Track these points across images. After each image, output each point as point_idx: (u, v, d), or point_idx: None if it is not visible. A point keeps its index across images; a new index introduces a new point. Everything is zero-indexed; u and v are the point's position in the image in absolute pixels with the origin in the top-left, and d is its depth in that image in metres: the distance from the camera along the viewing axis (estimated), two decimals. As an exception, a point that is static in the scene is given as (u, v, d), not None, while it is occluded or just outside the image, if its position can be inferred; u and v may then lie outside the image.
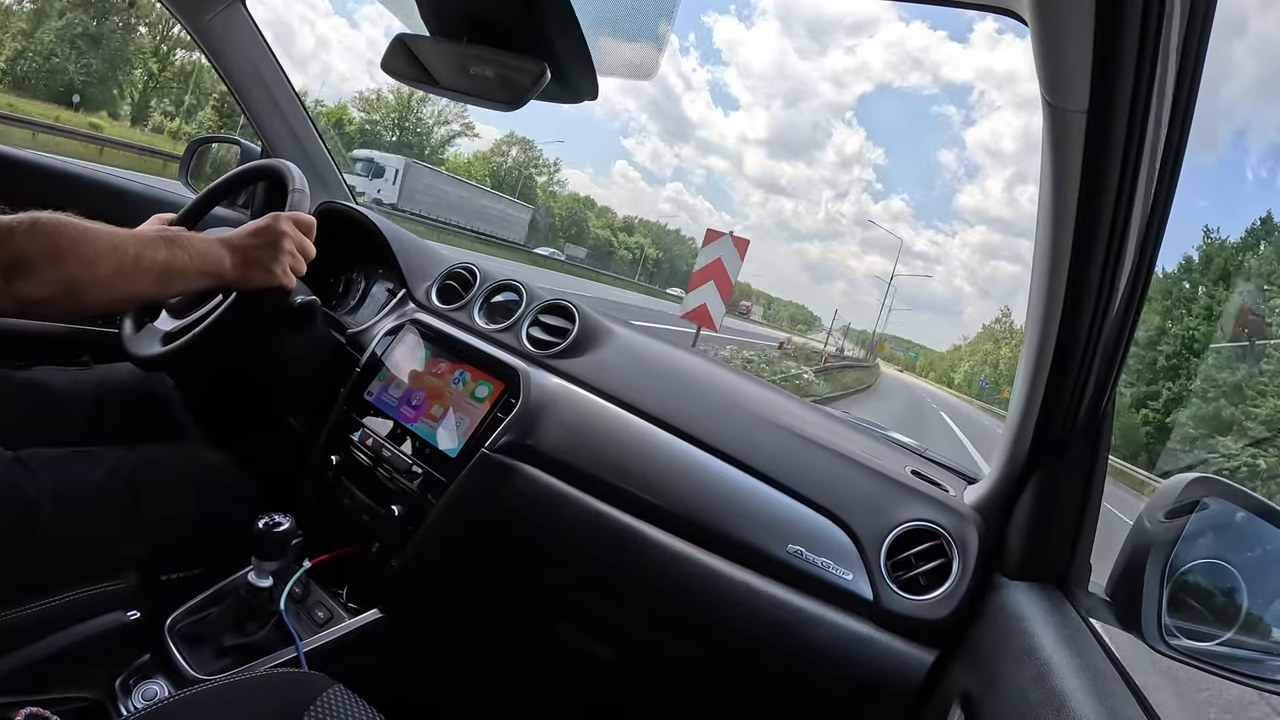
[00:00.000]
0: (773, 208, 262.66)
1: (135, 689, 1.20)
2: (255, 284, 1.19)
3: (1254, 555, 0.88)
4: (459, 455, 1.35)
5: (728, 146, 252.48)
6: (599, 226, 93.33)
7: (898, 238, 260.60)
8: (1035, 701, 0.75)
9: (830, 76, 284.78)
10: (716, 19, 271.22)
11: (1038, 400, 0.93)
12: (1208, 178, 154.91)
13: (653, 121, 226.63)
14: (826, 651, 1.10)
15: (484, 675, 1.50)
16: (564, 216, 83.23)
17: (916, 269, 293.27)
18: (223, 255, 1.13)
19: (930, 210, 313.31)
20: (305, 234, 1.25)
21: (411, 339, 1.54)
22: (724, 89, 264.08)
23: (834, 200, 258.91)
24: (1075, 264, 0.77)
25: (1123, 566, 0.89)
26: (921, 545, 1.13)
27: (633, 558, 1.23)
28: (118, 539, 1.24)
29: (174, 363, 1.30)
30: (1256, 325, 32.10)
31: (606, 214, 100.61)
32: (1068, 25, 0.59)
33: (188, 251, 1.08)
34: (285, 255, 1.20)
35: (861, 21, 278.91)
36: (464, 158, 65.46)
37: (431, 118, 56.69)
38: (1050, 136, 0.70)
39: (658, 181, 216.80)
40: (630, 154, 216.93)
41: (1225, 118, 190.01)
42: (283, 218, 1.21)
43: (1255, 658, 0.85)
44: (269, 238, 1.19)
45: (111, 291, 1.00)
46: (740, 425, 1.33)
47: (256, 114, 1.88)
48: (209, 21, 1.73)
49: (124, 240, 1.01)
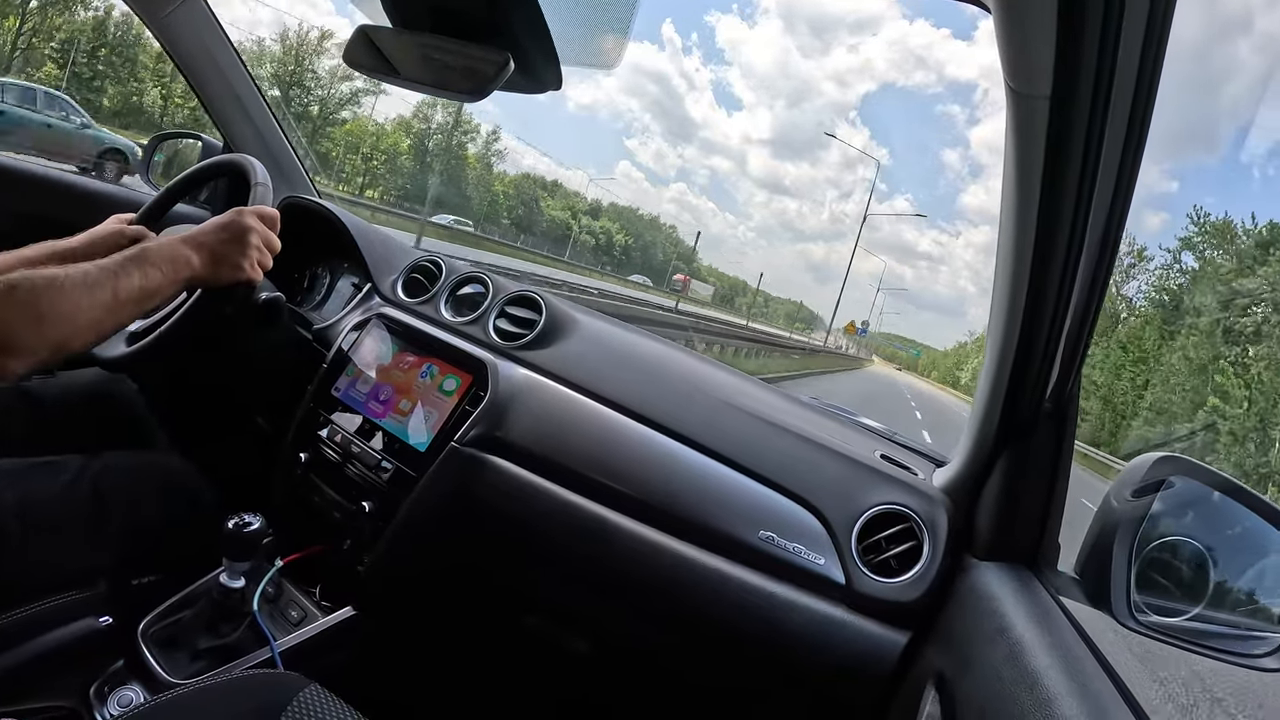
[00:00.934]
0: (776, 208, 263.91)
1: (110, 696, 1.19)
2: (224, 280, 1.17)
3: (1219, 531, 0.89)
4: (428, 449, 1.35)
5: (731, 147, 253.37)
6: (557, 209, 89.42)
7: (872, 157, 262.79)
8: (1008, 680, 0.76)
9: (833, 75, 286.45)
10: (719, 18, 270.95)
11: (1004, 384, 0.94)
12: (1211, 177, 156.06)
13: (656, 122, 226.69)
14: (801, 636, 1.11)
15: (460, 669, 1.49)
16: (511, 195, 77.01)
17: (920, 268, 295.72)
18: (190, 256, 1.11)
19: (934, 210, 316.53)
20: (270, 227, 1.23)
21: (378, 333, 1.53)
22: (727, 89, 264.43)
23: (838, 200, 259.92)
24: (1039, 250, 0.78)
25: (1091, 545, 0.91)
26: (892, 528, 1.15)
27: (604, 547, 1.23)
28: (85, 548, 1.22)
29: (138, 363, 1.28)
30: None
31: (572, 197, 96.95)
32: (1031, 11, 0.59)
33: (159, 268, 1.06)
34: (252, 250, 1.18)
35: (864, 19, 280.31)
36: (380, 121, 56.99)
37: (332, 73, 48.13)
38: (1014, 122, 0.70)
39: (661, 182, 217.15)
40: (634, 154, 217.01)
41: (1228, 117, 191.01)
42: (247, 212, 1.20)
43: (1222, 632, 0.86)
44: (234, 232, 1.17)
45: (96, 334, 0.98)
46: (709, 412, 1.34)
47: (217, 109, 1.85)
48: (167, 16, 1.70)
49: (97, 279, 0.98)
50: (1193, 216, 36.89)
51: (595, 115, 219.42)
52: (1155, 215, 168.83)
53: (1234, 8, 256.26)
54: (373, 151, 53.20)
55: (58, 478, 1.22)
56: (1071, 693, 0.70)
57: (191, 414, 1.63)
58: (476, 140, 66.71)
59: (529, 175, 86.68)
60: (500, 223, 70.79)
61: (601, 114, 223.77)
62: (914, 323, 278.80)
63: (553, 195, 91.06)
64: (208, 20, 1.74)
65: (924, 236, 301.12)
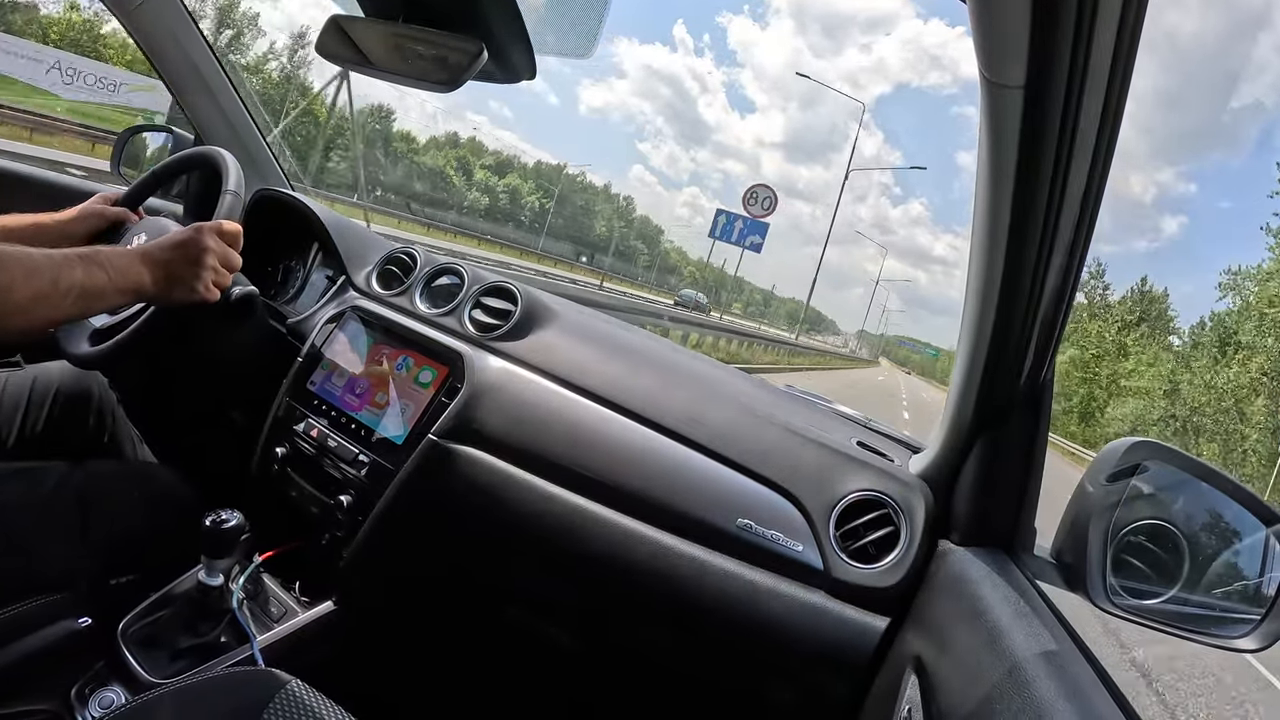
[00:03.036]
0: (790, 212, 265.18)
1: (92, 697, 1.18)
2: (176, 300, 1.17)
3: (1193, 515, 0.90)
4: (405, 442, 1.35)
5: (744, 150, 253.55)
6: (437, 160, 74.70)
7: (858, 101, 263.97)
8: (986, 663, 0.77)
9: (846, 76, 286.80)
10: (730, 19, 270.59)
11: (979, 370, 0.95)
12: (1231, 179, 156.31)
13: (669, 125, 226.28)
14: (780, 623, 1.12)
15: (441, 663, 1.49)
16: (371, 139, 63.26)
17: (934, 272, 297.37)
18: (142, 272, 1.10)
19: (948, 214, 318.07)
20: (231, 243, 1.22)
21: (353, 326, 1.52)
22: (740, 90, 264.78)
23: (851, 204, 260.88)
24: (1013, 239, 0.78)
25: (1067, 529, 0.91)
26: (869, 515, 1.15)
27: (583, 537, 1.23)
28: (68, 555, 1.21)
29: (110, 361, 1.27)
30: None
31: (472, 147, 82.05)
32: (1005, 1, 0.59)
33: (106, 271, 1.05)
34: (207, 271, 1.17)
35: (877, 18, 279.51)
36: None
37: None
38: (988, 112, 0.70)
39: (675, 186, 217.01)
40: (646, 158, 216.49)
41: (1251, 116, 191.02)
42: (206, 230, 1.19)
43: (1198, 614, 0.88)
44: (190, 253, 1.16)
45: (28, 318, 0.97)
46: (687, 402, 1.34)
47: (189, 101, 1.83)
48: (138, 9, 1.67)
49: (40, 264, 0.97)
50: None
51: (607, 118, 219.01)
52: (1174, 219, 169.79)
53: (1255, 4, 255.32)
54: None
55: (40, 485, 1.21)
56: (1050, 675, 0.71)
57: (166, 411, 1.61)
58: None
59: (377, 107, 66.63)
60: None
61: (613, 116, 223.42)
62: (929, 327, 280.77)
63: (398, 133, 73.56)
64: (178, 12, 1.72)
65: (938, 240, 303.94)
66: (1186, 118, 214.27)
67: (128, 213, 1.42)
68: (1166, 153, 44.51)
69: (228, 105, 1.86)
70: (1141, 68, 0.62)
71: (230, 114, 1.87)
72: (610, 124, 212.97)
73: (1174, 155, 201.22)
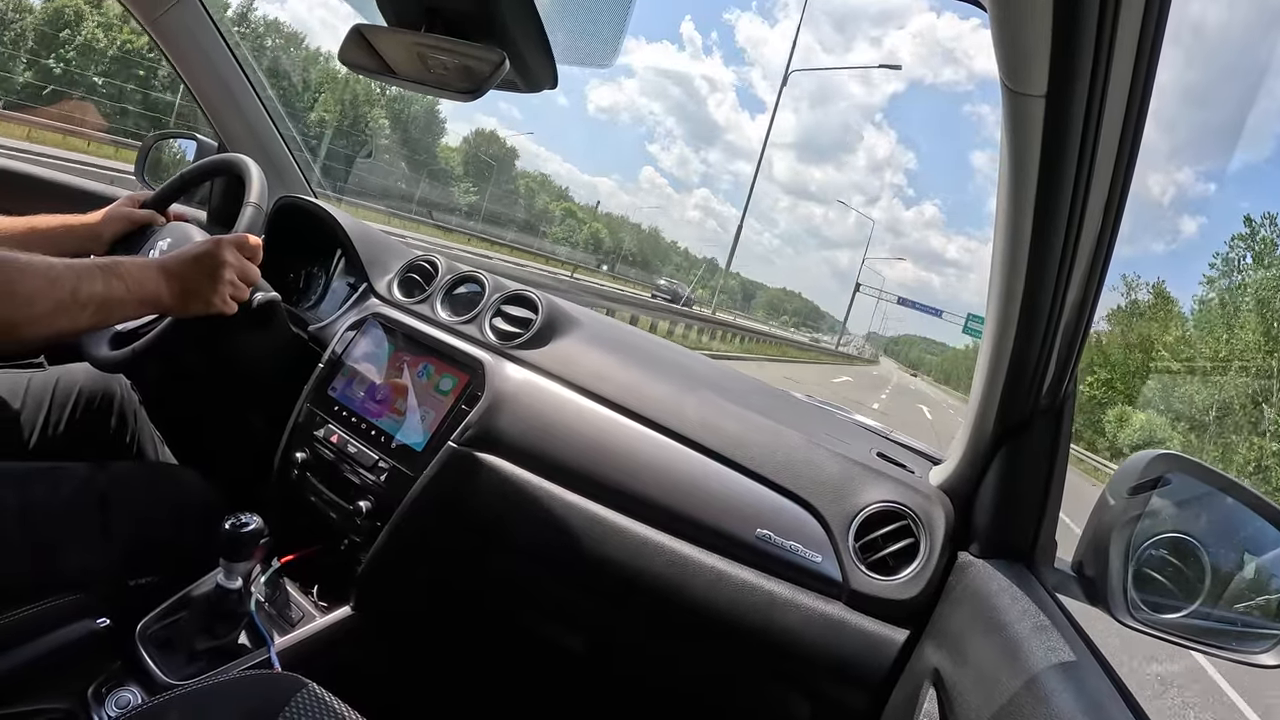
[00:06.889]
0: (802, 213, 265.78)
1: (108, 697, 1.19)
2: (192, 313, 1.18)
3: (1216, 528, 0.89)
4: (425, 449, 1.35)
5: (755, 151, 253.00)
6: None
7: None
8: (1005, 677, 0.76)
9: (859, 73, 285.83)
10: (738, 15, 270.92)
11: (1000, 382, 0.94)
12: (1252, 177, 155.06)
13: (679, 126, 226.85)
14: (798, 635, 1.11)
15: (457, 669, 1.50)
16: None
17: (948, 275, 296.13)
18: (160, 284, 1.12)
19: (962, 216, 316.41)
20: (250, 257, 1.24)
21: (374, 333, 1.53)
22: (749, 90, 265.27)
23: (864, 205, 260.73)
24: (1035, 248, 0.78)
25: (1088, 542, 0.91)
26: (889, 526, 1.15)
27: (601, 546, 1.23)
28: (88, 555, 1.22)
29: (131, 364, 1.28)
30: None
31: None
32: (1027, 10, 0.59)
33: (125, 282, 1.06)
34: (224, 285, 1.19)
35: (888, 10, 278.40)
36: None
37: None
38: (1009, 122, 0.70)
39: (685, 188, 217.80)
40: (656, 159, 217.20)
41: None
42: (225, 243, 1.20)
43: (1220, 628, 0.87)
44: (208, 267, 1.18)
45: (48, 329, 0.98)
46: (707, 411, 1.33)
47: (213, 108, 1.85)
48: (162, 16, 1.69)
49: (61, 274, 0.98)
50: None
51: (616, 119, 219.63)
52: (1192, 220, 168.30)
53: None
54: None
55: (63, 485, 1.22)
56: (1069, 689, 0.70)
57: (188, 414, 1.62)
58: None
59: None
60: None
61: (623, 117, 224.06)
62: (940, 328, 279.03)
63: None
64: (203, 20, 1.74)
65: (951, 243, 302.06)
66: (1213, 114, 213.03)
67: (155, 215, 1.44)
68: (1185, 151, 43.35)
69: (251, 112, 1.88)
70: (1163, 60, 0.62)
71: (254, 121, 1.89)
72: (620, 125, 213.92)
73: (1196, 154, 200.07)
